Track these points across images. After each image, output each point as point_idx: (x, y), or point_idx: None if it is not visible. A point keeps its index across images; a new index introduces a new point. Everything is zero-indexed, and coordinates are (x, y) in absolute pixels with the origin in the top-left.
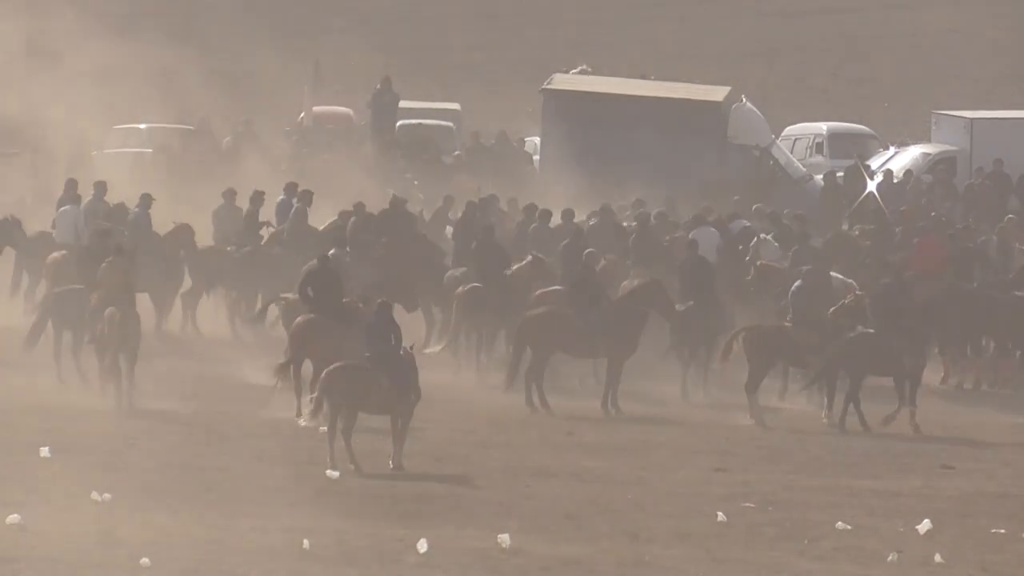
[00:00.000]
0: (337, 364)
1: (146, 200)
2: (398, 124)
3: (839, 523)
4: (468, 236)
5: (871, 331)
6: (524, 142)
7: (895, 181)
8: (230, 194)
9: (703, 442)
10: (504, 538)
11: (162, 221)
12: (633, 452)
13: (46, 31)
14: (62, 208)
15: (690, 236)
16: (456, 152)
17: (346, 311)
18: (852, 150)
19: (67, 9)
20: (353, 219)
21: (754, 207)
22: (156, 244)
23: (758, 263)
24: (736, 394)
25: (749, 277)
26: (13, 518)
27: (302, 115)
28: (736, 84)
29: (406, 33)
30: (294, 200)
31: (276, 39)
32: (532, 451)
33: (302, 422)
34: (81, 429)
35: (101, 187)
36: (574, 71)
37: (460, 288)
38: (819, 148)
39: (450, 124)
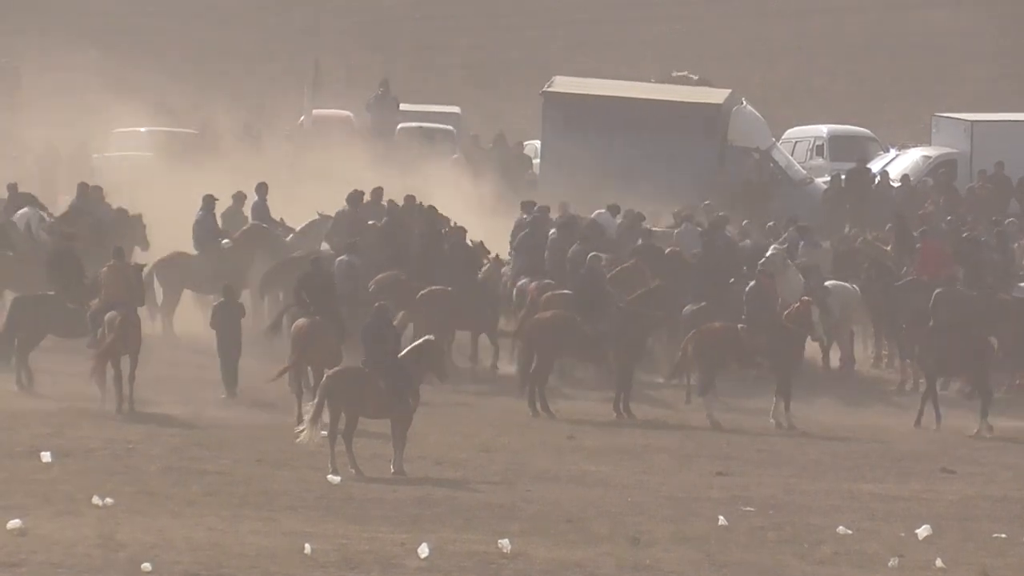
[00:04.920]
0: (337, 368)
1: (209, 202)
2: (398, 127)
3: (840, 527)
4: (439, 238)
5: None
6: (523, 145)
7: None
8: (239, 197)
9: (703, 446)
10: (505, 542)
11: (161, 222)
12: (634, 456)
13: (45, 28)
14: (20, 212)
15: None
16: (455, 155)
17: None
18: (853, 153)
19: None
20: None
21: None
22: (230, 245)
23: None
24: (737, 398)
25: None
26: (14, 523)
27: (302, 117)
28: (736, 85)
29: (406, 33)
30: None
31: (276, 39)
32: (533, 455)
33: (299, 440)
34: (82, 433)
35: (98, 190)
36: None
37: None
38: (819, 151)
39: (450, 127)
